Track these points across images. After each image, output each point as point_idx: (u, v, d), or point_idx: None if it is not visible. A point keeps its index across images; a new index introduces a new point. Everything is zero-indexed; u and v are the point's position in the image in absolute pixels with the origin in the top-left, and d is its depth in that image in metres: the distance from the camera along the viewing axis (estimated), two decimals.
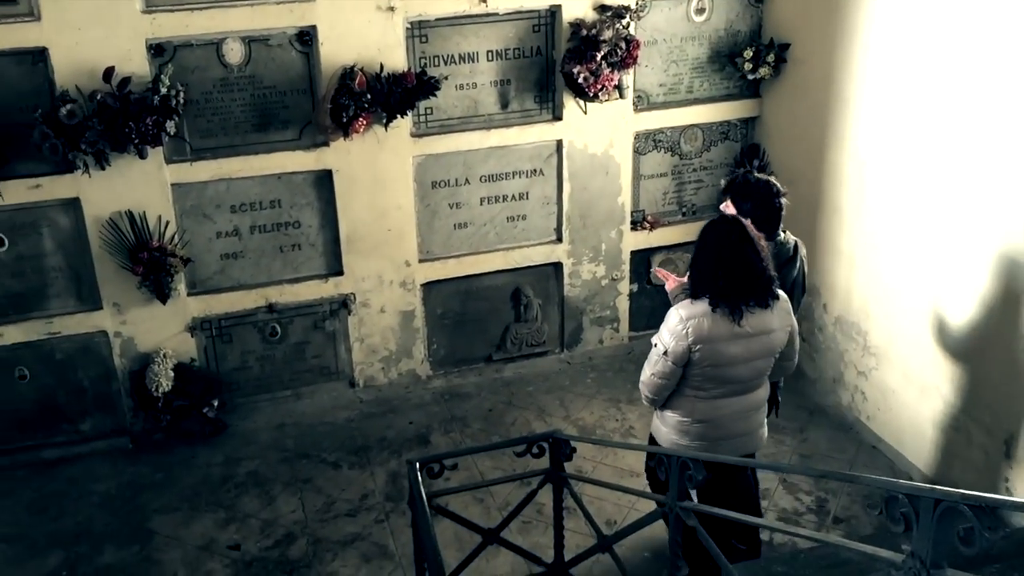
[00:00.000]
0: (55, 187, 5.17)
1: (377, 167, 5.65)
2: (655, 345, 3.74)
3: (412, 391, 6.25)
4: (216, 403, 5.75)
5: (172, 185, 5.36)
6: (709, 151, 6.41)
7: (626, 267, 6.49)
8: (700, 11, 6.01)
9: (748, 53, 5.95)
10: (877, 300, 5.39)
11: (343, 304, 5.94)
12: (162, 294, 5.32)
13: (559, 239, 6.26)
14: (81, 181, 5.13)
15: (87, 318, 5.48)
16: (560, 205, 6.16)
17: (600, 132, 6.01)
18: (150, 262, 5.25)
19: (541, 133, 5.96)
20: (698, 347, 3.61)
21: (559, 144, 6.00)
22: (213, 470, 5.55)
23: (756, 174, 4.38)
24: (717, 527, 3.20)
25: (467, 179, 5.94)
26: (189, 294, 5.62)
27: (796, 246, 4.36)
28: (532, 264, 6.28)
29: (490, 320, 6.35)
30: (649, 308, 6.68)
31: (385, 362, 6.19)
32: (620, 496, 4.92)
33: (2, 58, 4.92)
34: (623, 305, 6.60)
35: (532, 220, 6.18)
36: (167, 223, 5.37)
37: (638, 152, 6.24)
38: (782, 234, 4.32)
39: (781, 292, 3.77)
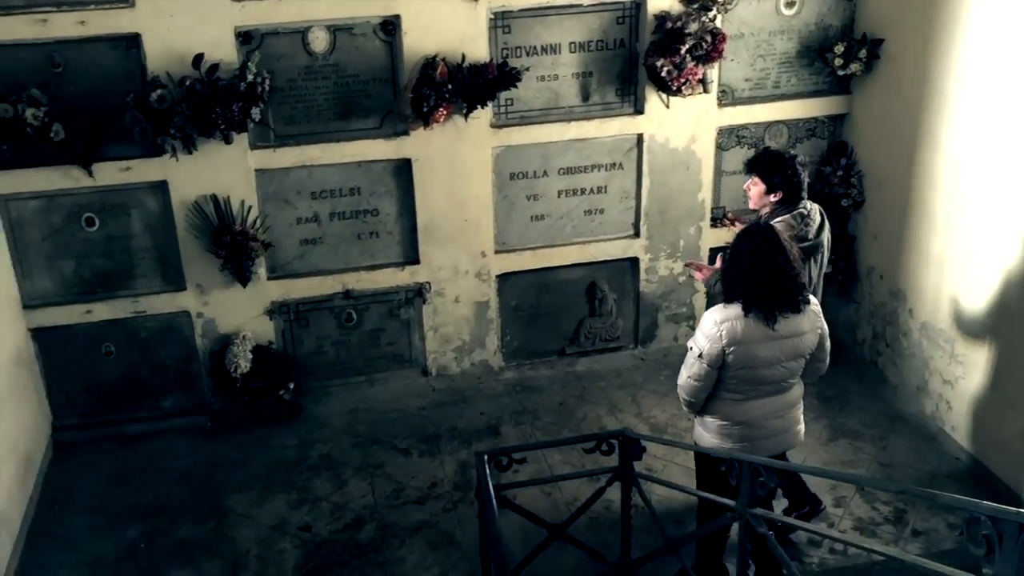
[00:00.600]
0: (144, 170, 5.30)
1: (456, 157, 5.66)
2: (691, 348, 3.82)
3: (484, 382, 6.26)
4: (292, 386, 5.85)
5: (256, 170, 5.46)
6: (794, 148, 6.24)
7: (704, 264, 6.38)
8: (790, 4, 5.86)
9: (839, 48, 5.78)
10: (968, 307, 5.19)
11: (418, 292, 5.97)
12: (243, 277, 5.42)
13: (636, 234, 6.19)
14: (169, 165, 5.26)
15: (171, 298, 5.63)
16: (639, 200, 6.09)
17: (682, 127, 5.92)
18: (232, 246, 5.36)
19: (622, 126, 5.89)
20: (732, 349, 3.69)
21: (639, 138, 5.93)
22: (287, 452, 5.64)
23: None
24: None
25: (545, 171, 5.91)
26: (269, 278, 5.71)
27: (821, 212, 4.57)
28: (608, 258, 6.22)
29: (564, 313, 6.31)
30: None
31: (458, 352, 6.21)
32: (690, 496, 4.85)
33: (98, 43, 5.07)
34: (700, 303, 6.49)
35: (610, 214, 6.12)
36: (250, 208, 5.47)
37: (721, 148, 6.13)
38: (808, 204, 4.50)
39: (812, 297, 3.88)
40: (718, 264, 4.30)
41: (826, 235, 4.60)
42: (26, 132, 4.90)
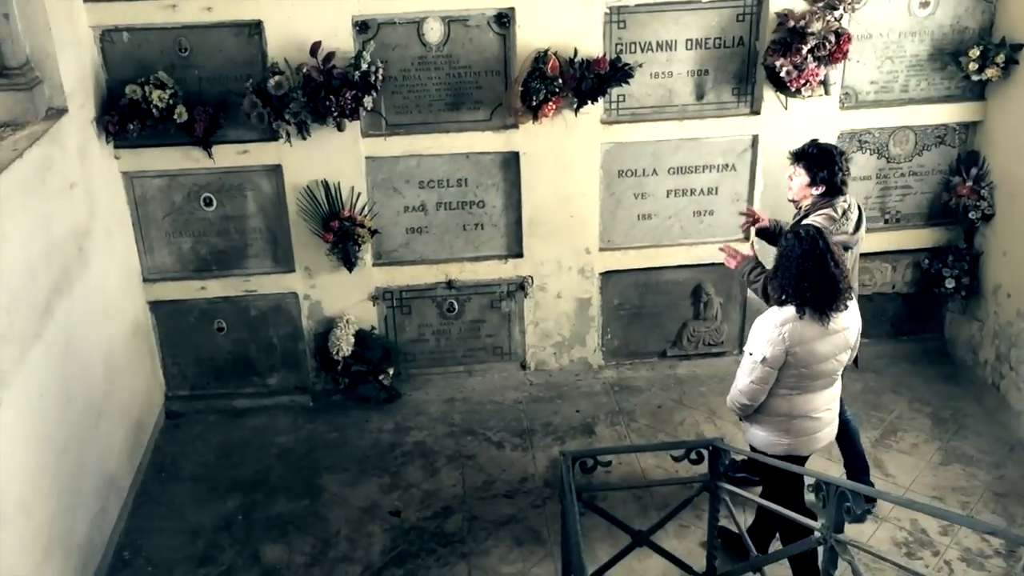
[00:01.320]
0: (260, 153, 5.46)
1: (564, 152, 5.61)
2: (749, 354, 3.94)
3: (582, 379, 6.21)
4: (391, 371, 5.93)
5: (366, 158, 5.54)
6: (921, 155, 5.95)
7: None
8: (924, 5, 5.57)
9: (974, 52, 5.47)
10: None
11: (520, 286, 5.96)
12: (349, 262, 5.52)
13: (746, 238, 5.99)
14: (283, 149, 5.40)
15: (281, 279, 5.78)
16: (750, 203, 5.90)
17: (800, 129, 5.69)
18: (340, 231, 5.46)
19: (736, 127, 5.73)
20: (794, 349, 3.84)
21: (755, 139, 5.75)
22: (383, 436, 5.73)
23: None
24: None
25: (655, 170, 5.80)
26: (374, 264, 5.80)
27: (860, 208, 4.64)
28: (716, 261, 6.01)
29: (667, 315, 6.20)
30: None
31: (557, 347, 6.17)
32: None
33: (222, 29, 5.23)
34: None
35: (719, 216, 5.97)
36: (359, 194, 5.56)
37: None
38: (849, 198, 4.55)
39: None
40: (752, 251, 4.56)
41: (863, 232, 4.66)
42: (152, 113, 5.11)
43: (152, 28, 5.18)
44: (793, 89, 5.38)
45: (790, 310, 3.84)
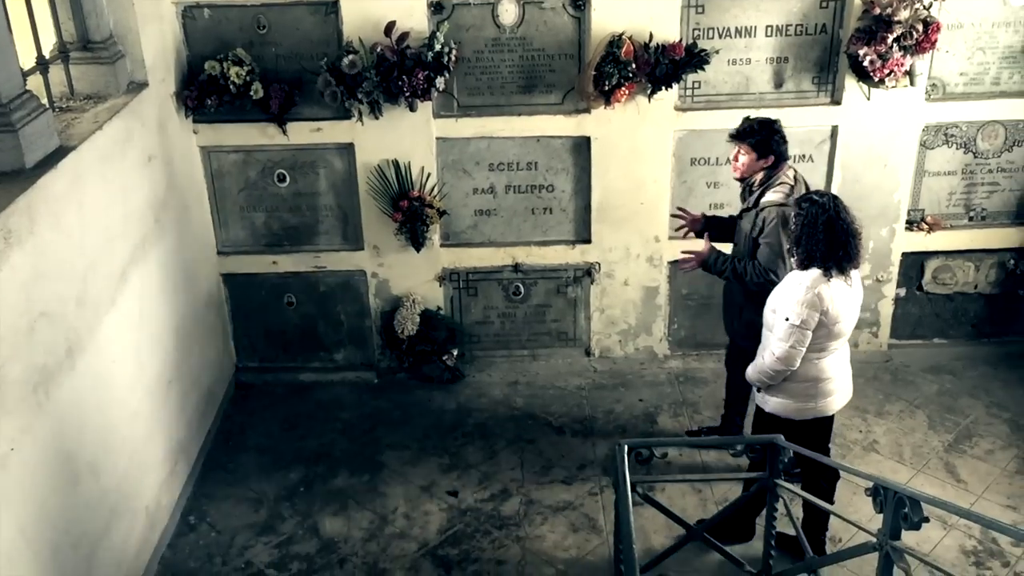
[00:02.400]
0: (333, 131, 5.51)
1: (636, 138, 5.54)
2: (786, 320, 3.97)
3: (647, 368, 6.15)
4: (456, 352, 5.96)
5: (437, 139, 5.55)
6: (1011, 151, 5.71)
7: (894, 269, 5.97)
8: None
9: None
10: None
11: (587, 272, 5.92)
12: (417, 242, 5.55)
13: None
14: (356, 128, 5.44)
15: (349, 256, 5.85)
16: None
17: (882, 121, 5.53)
18: (409, 211, 5.49)
19: (816, 117, 5.58)
20: (826, 308, 3.93)
21: (834, 130, 5.59)
22: (445, 416, 5.77)
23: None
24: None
25: (728, 159, 5.67)
26: (441, 245, 5.82)
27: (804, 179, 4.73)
28: None
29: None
30: (917, 316, 6.13)
31: (623, 335, 6.12)
32: (848, 513, 4.58)
33: (300, 7, 5.29)
34: (886, 309, 6.09)
35: None
36: (428, 175, 5.58)
37: (924, 146, 5.69)
38: (793, 168, 4.67)
39: None
40: (706, 243, 4.71)
41: None
42: (229, 89, 5.20)
43: (232, 5, 5.27)
44: (876, 79, 5.21)
45: (815, 272, 3.95)
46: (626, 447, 3.56)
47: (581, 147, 5.62)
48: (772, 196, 4.56)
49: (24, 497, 3.41)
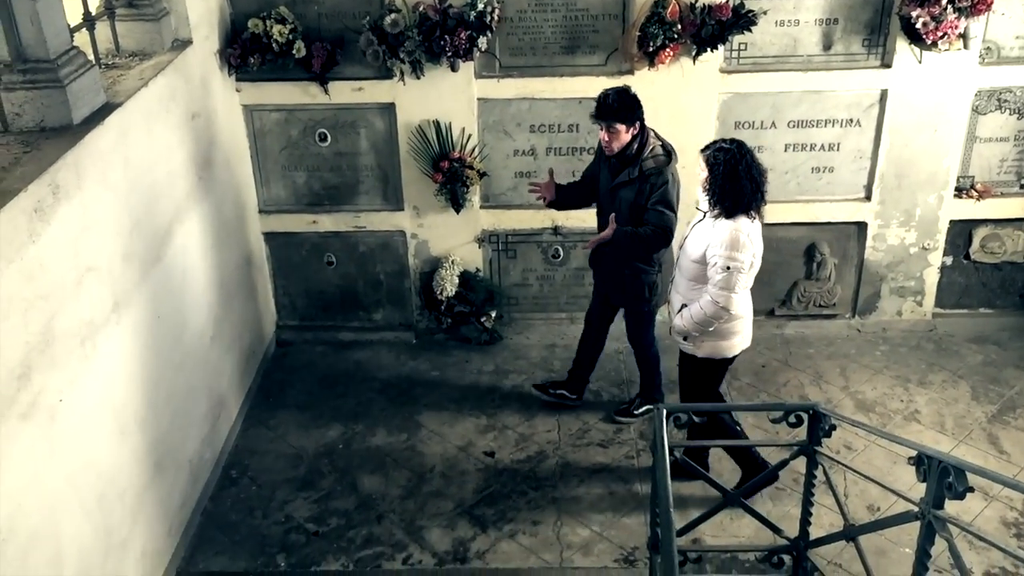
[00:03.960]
0: (374, 91, 5.50)
1: (679, 101, 5.46)
2: (727, 268, 4.11)
3: None
4: (494, 314, 5.97)
5: (478, 99, 5.52)
6: None
7: (941, 237, 5.86)
8: None
9: None
10: None
11: None
12: (456, 203, 5.55)
13: (867, 197, 5.77)
14: (397, 88, 5.42)
15: (389, 217, 5.86)
16: (874, 160, 5.66)
17: (933, 85, 5.40)
18: (450, 172, 5.48)
19: (864, 80, 5.46)
20: (756, 250, 4.19)
21: (883, 94, 5.47)
22: (483, 377, 5.79)
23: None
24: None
25: (773, 123, 5.59)
26: (481, 207, 5.81)
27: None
28: (833, 220, 5.85)
29: (778, 273, 6.01)
30: (963, 285, 6.03)
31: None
32: (888, 482, 4.55)
33: None
34: (931, 277, 5.99)
35: (840, 174, 5.73)
36: (469, 136, 5.55)
37: (977, 111, 5.55)
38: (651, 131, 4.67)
39: None
40: (611, 227, 4.64)
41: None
42: (272, 48, 5.21)
43: None
44: (929, 42, 5.08)
45: (741, 217, 4.10)
46: (665, 411, 3.54)
47: None
48: (651, 162, 4.57)
49: (72, 448, 3.49)
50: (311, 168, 5.76)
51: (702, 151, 4.24)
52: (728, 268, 4.12)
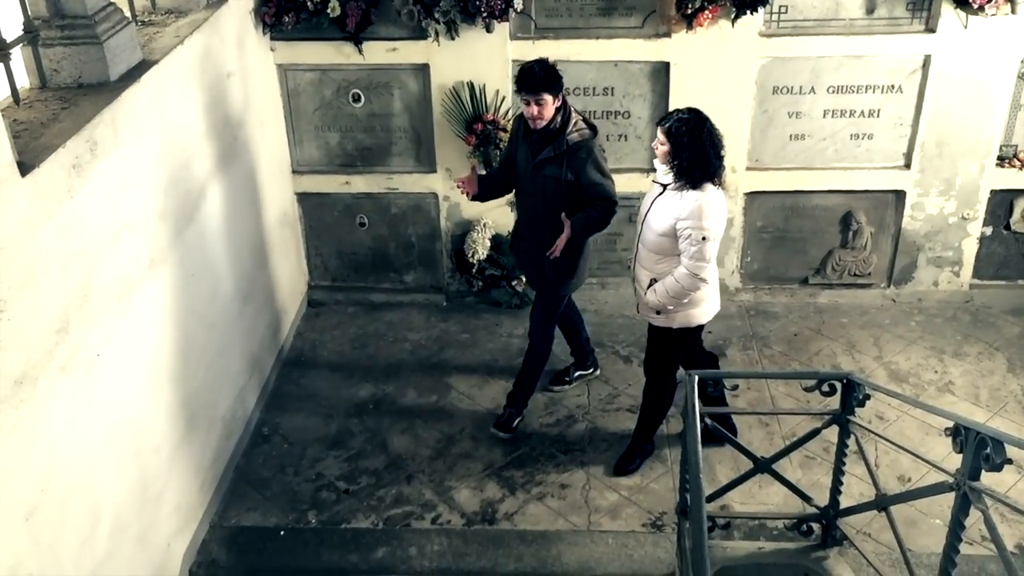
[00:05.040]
0: (409, 52, 5.46)
1: (717, 65, 5.38)
2: (703, 239, 4.03)
3: None
4: (525, 278, 5.95)
5: (513, 61, 5.46)
6: None
7: (982, 207, 5.76)
8: None
9: None
10: None
11: None
12: (489, 166, 5.52)
13: (907, 165, 5.67)
14: (431, 48, 5.39)
15: (422, 179, 5.84)
16: (915, 128, 5.55)
17: (979, 51, 5.28)
18: (483, 134, 5.45)
19: (908, 45, 5.35)
20: (724, 217, 4.16)
21: (927, 60, 5.36)
22: (512, 341, 5.79)
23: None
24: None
25: (813, 88, 5.50)
26: None
27: None
28: (870, 189, 5.76)
29: (812, 241, 5.96)
30: (1002, 256, 5.94)
31: None
32: (922, 452, 4.52)
33: None
34: (970, 248, 5.90)
35: (879, 141, 5.64)
36: (503, 98, 5.51)
37: (1023, 78, 5.42)
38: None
39: None
40: (567, 224, 4.44)
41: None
42: (307, 6, 5.18)
43: None
44: (976, 6, 4.98)
45: (708, 186, 4.03)
46: (696, 378, 3.53)
47: (660, 73, 5.49)
48: (576, 135, 4.38)
49: (109, 402, 3.54)
50: (344, 129, 5.75)
51: (660, 124, 4.11)
52: (703, 239, 4.04)
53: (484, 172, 4.92)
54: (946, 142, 5.57)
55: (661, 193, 4.20)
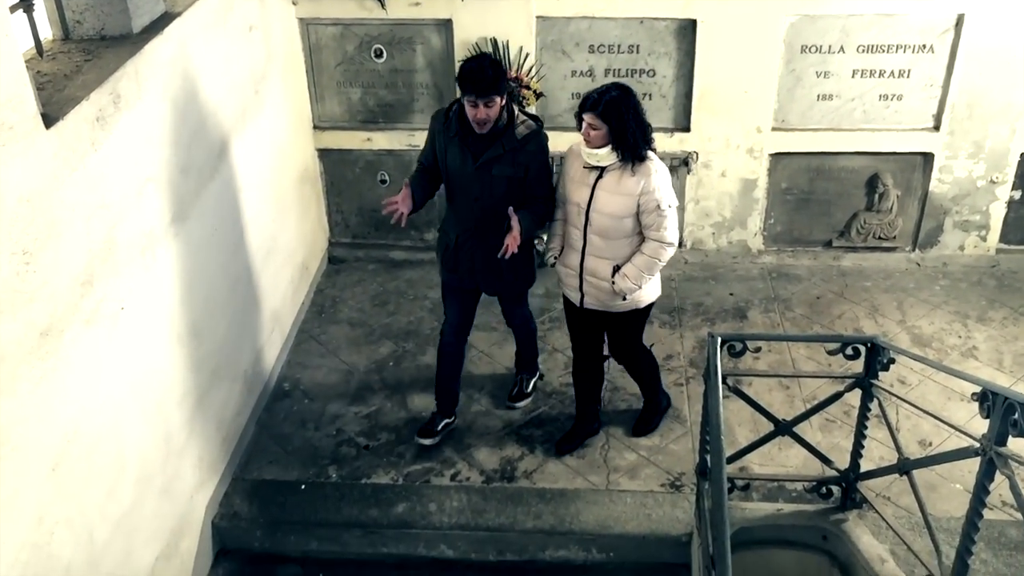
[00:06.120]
0: (432, 7, 5.40)
1: (745, 22, 5.30)
2: (668, 207, 3.98)
3: (739, 262, 6.04)
4: (546, 236, 5.91)
5: (537, 17, 5.40)
6: None
7: (1011, 171, 5.68)
8: None
9: None
10: None
11: (684, 162, 5.77)
12: None
13: (936, 127, 5.59)
14: (455, 4, 5.32)
15: None
16: (946, 89, 5.46)
17: (1013, 9, 5.17)
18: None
19: (940, 3, 5.25)
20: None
21: (960, 19, 5.25)
22: (533, 300, 5.69)
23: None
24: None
25: (842, 47, 5.40)
26: None
27: None
28: (897, 151, 5.68)
29: (837, 203, 5.90)
30: None
31: (717, 228, 6.00)
32: (944, 417, 4.50)
33: None
34: (998, 212, 5.82)
35: (908, 102, 5.55)
36: (527, 55, 5.45)
37: None
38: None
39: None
40: (513, 216, 4.04)
41: None
42: None
43: None
44: None
45: (652, 155, 3.98)
46: (719, 339, 3.52)
47: (686, 30, 5.41)
48: (523, 128, 4.13)
49: (133, 354, 3.56)
50: (366, 85, 5.71)
51: (590, 110, 3.86)
52: (670, 206, 3.97)
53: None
54: (977, 104, 5.47)
55: (600, 176, 4.01)
